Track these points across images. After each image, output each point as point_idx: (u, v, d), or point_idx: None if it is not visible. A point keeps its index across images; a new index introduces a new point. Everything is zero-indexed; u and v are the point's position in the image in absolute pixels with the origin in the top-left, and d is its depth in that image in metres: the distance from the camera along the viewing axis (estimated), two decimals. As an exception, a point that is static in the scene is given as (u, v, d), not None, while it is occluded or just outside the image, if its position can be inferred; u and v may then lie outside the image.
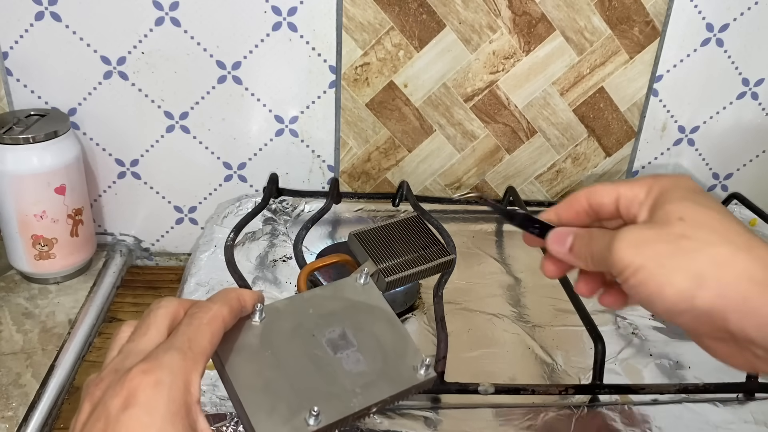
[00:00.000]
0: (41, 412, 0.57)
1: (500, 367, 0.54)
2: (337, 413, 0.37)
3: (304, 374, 0.39)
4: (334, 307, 0.42)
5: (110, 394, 0.31)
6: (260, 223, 0.73)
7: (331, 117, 0.76)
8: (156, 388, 0.31)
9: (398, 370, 0.40)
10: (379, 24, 0.72)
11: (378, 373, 0.39)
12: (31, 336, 0.64)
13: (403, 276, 0.45)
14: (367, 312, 0.43)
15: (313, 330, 0.41)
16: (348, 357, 0.40)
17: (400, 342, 0.41)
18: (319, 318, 0.41)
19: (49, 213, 0.67)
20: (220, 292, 0.38)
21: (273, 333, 0.40)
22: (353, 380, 0.39)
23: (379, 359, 0.40)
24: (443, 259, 0.46)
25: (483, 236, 0.75)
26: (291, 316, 0.41)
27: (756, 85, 0.78)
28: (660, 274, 0.35)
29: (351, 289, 0.44)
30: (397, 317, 0.43)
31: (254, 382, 0.37)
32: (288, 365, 0.39)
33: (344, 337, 0.41)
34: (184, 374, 0.32)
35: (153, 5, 0.68)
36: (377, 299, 0.43)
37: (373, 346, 0.41)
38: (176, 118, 0.74)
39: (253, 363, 0.38)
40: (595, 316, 0.55)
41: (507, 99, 0.77)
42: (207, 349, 0.35)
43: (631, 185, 0.39)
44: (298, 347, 0.40)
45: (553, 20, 0.73)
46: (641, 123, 0.79)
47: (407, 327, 0.58)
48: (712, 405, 0.51)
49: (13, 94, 0.71)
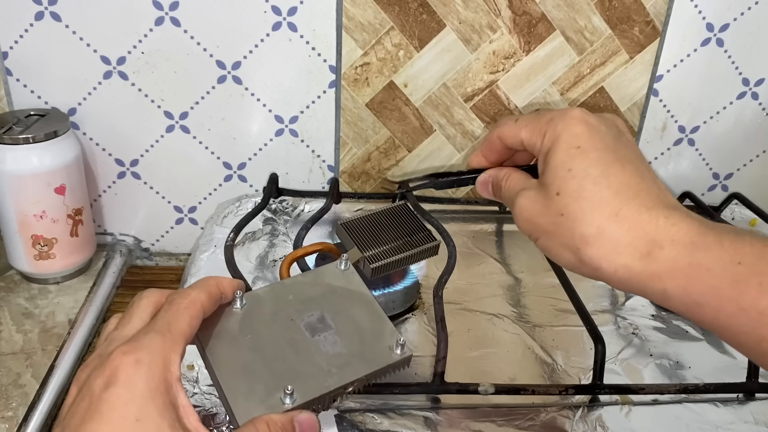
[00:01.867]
0: (41, 413, 0.57)
1: (500, 367, 0.54)
2: (312, 392, 0.39)
3: (282, 357, 0.40)
4: (314, 292, 0.44)
5: (94, 375, 0.33)
6: (260, 223, 0.73)
7: (331, 117, 0.76)
8: (135, 366, 0.33)
9: (374, 351, 0.41)
10: (379, 24, 0.72)
11: (354, 354, 0.41)
12: (31, 336, 0.64)
13: (388, 262, 0.47)
14: (347, 296, 0.44)
15: (293, 315, 0.42)
16: (325, 339, 0.41)
17: (377, 324, 0.43)
18: (299, 303, 0.43)
19: (49, 213, 0.67)
20: (199, 280, 0.40)
21: (253, 319, 0.41)
22: (329, 361, 0.40)
23: (355, 341, 0.41)
24: (428, 244, 0.48)
25: (483, 236, 0.75)
26: (271, 303, 0.42)
27: (756, 85, 0.78)
28: (551, 247, 0.40)
29: (332, 275, 0.45)
30: (375, 300, 0.44)
31: (233, 366, 0.39)
32: (266, 349, 0.40)
33: (322, 321, 0.42)
34: (163, 353, 0.34)
35: (153, 5, 0.68)
36: (357, 284, 0.45)
37: (351, 328, 0.42)
38: (176, 118, 0.74)
39: (232, 347, 0.40)
40: (595, 316, 0.55)
41: (507, 99, 0.77)
42: (185, 331, 0.36)
43: (530, 130, 0.42)
44: (276, 331, 0.41)
45: (553, 20, 0.73)
46: (641, 123, 0.79)
47: (407, 327, 0.58)
48: (712, 405, 0.51)
49: (12, 94, 0.71)
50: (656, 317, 0.62)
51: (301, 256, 0.49)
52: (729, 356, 0.57)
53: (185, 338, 0.36)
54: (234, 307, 0.41)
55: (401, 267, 0.48)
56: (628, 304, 0.64)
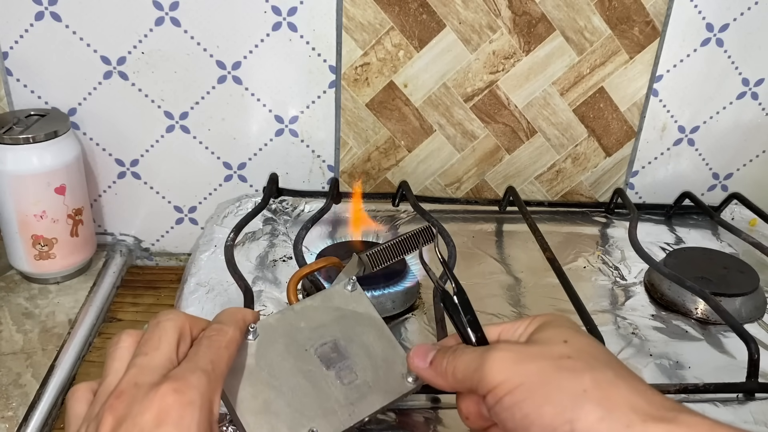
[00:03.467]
0: (41, 412, 0.57)
1: (500, 367, 0.54)
2: (333, 429, 0.39)
3: (301, 392, 0.40)
4: (325, 318, 0.44)
5: (139, 409, 0.32)
6: (260, 223, 0.73)
7: (331, 117, 0.76)
8: (188, 408, 0.32)
9: (388, 380, 0.42)
10: (379, 24, 0.72)
11: (369, 385, 0.41)
12: (31, 336, 0.64)
13: (381, 249, 0.46)
14: (357, 321, 0.44)
15: (306, 344, 0.42)
16: (340, 370, 0.42)
17: (388, 350, 0.43)
18: (311, 331, 0.43)
19: (49, 213, 0.67)
20: (227, 313, 0.40)
21: (267, 351, 0.41)
22: (347, 394, 0.41)
23: (369, 370, 0.42)
24: (421, 227, 0.47)
25: (483, 236, 0.75)
26: (284, 332, 0.42)
27: (756, 85, 0.78)
28: (541, 392, 0.33)
29: (340, 297, 0.45)
30: (385, 324, 0.44)
31: (253, 404, 0.39)
32: (284, 384, 0.40)
33: (336, 350, 0.42)
34: (209, 396, 0.34)
35: (153, 5, 0.68)
36: (366, 306, 0.45)
37: (364, 356, 0.43)
38: (176, 118, 0.74)
39: (249, 383, 0.40)
40: (595, 316, 0.55)
41: (507, 99, 0.77)
42: (225, 372, 0.36)
43: (513, 322, 0.39)
44: (292, 364, 0.41)
45: (553, 20, 0.73)
46: (641, 123, 0.79)
47: (407, 327, 0.58)
48: (712, 405, 0.51)
49: (13, 94, 0.71)
50: (656, 317, 0.62)
51: (306, 274, 0.49)
52: (729, 356, 0.57)
53: (224, 378, 0.36)
54: (248, 339, 0.41)
55: (397, 255, 0.48)
56: (627, 304, 0.64)
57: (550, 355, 0.34)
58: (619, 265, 0.70)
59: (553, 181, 0.82)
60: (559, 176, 0.82)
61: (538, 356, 0.35)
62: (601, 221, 0.80)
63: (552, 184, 0.82)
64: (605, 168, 0.82)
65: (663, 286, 0.64)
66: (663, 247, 0.74)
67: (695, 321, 0.62)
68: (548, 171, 0.81)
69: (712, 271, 0.65)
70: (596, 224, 0.79)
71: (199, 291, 0.61)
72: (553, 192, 0.83)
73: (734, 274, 0.65)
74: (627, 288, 0.66)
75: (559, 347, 0.35)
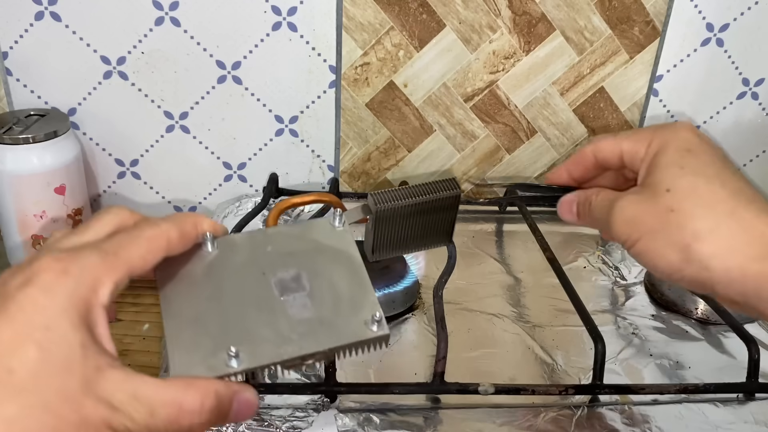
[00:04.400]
0: (41, 412, 0.57)
1: (500, 367, 0.54)
2: (263, 358, 0.34)
3: (241, 313, 0.35)
4: (297, 247, 0.38)
5: (15, 272, 0.30)
6: (260, 223, 0.73)
7: (331, 117, 0.76)
8: (61, 275, 0.30)
9: (347, 322, 0.36)
10: (379, 24, 0.72)
11: (323, 322, 0.36)
12: (30, 336, 0.64)
13: (391, 190, 0.41)
14: (332, 257, 0.38)
15: (265, 268, 0.37)
16: (294, 300, 0.36)
17: (358, 293, 0.37)
18: (277, 257, 0.38)
19: (48, 213, 0.67)
20: (178, 214, 0.36)
21: (221, 265, 0.37)
22: (293, 326, 0.35)
23: (328, 307, 0.36)
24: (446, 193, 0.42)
25: (483, 236, 0.75)
26: (246, 251, 0.38)
27: (756, 84, 0.78)
28: (653, 248, 0.37)
29: (322, 230, 0.40)
30: (364, 267, 0.38)
31: (185, 313, 0.35)
32: (225, 301, 0.36)
33: (297, 280, 0.37)
34: (96, 274, 0.31)
35: (153, 5, 0.68)
36: (348, 245, 0.39)
37: (327, 293, 0.37)
38: (176, 118, 0.74)
39: (189, 293, 0.36)
40: (595, 316, 0.55)
41: (507, 99, 0.77)
42: (134, 262, 0.32)
43: (633, 140, 0.40)
44: (242, 284, 0.37)
45: (553, 20, 0.73)
46: (641, 123, 0.79)
47: (407, 327, 0.58)
48: (713, 405, 0.51)
49: (12, 93, 0.71)
50: (656, 317, 0.62)
51: (293, 205, 0.44)
52: (729, 356, 0.57)
53: (129, 268, 0.32)
54: (204, 249, 0.37)
55: (409, 199, 0.42)
56: (628, 304, 0.64)
57: (656, 211, 0.37)
58: (620, 265, 0.70)
59: (553, 181, 0.82)
60: (559, 176, 0.82)
61: (647, 213, 0.37)
62: (602, 221, 0.79)
63: (552, 184, 0.82)
64: (605, 168, 0.82)
65: (663, 286, 0.64)
66: (663, 247, 0.74)
67: (695, 321, 0.62)
68: (548, 171, 0.81)
69: (712, 271, 0.65)
70: (596, 224, 0.79)
71: (199, 291, 0.61)
72: (553, 192, 0.83)
73: (734, 274, 0.65)
74: (627, 288, 0.66)
75: (663, 199, 0.36)
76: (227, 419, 0.33)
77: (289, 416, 0.46)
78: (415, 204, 0.42)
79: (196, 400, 0.31)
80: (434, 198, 0.42)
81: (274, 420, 0.46)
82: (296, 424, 0.46)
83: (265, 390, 0.48)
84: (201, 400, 0.31)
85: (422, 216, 0.43)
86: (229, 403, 0.33)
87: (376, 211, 0.41)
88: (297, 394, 0.48)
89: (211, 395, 0.32)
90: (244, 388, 0.33)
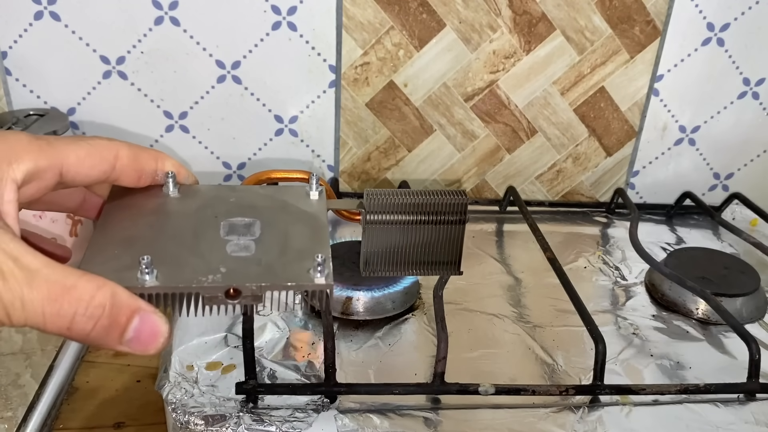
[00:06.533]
0: (40, 413, 0.56)
1: (500, 368, 0.54)
2: (179, 281, 0.31)
3: (175, 242, 0.33)
4: (261, 203, 0.36)
5: None
6: (260, 223, 0.73)
7: (331, 117, 0.76)
8: None
9: (286, 266, 0.33)
10: (379, 23, 0.72)
11: (259, 263, 0.33)
12: (30, 336, 0.64)
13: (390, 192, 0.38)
14: (296, 217, 0.36)
15: (220, 213, 0.35)
16: (238, 241, 0.34)
17: (313, 246, 0.34)
18: (236, 207, 0.36)
19: (48, 213, 0.67)
20: (154, 150, 0.35)
21: (175, 205, 0.35)
22: (224, 260, 0.32)
23: (272, 253, 0.33)
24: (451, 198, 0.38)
25: (483, 236, 0.75)
26: (206, 198, 0.36)
27: (757, 84, 0.78)
28: None
29: (295, 195, 0.38)
30: (328, 231, 0.36)
31: (117, 234, 0.33)
32: (165, 231, 0.33)
33: (249, 227, 0.35)
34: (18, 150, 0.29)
35: (152, 4, 0.68)
36: (317, 209, 0.37)
37: (276, 241, 0.34)
38: (176, 118, 0.74)
39: (131, 220, 0.34)
40: (595, 316, 0.55)
41: (507, 98, 0.77)
42: (68, 159, 0.31)
43: None
44: (189, 221, 0.34)
45: (553, 20, 0.73)
46: (642, 123, 0.79)
47: (407, 327, 0.58)
48: (713, 405, 0.51)
49: (12, 93, 0.71)
50: (657, 317, 0.62)
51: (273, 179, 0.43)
52: (730, 357, 0.57)
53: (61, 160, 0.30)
54: (164, 191, 0.35)
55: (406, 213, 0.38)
56: (628, 305, 0.63)
57: None
58: (620, 265, 0.70)
59: (553, 180, 0.82)
60: (559, 176, 0.81)
61: None
62: (602, 221, 0.79)
63: (552, 184, 0.82)
64: (606, 168, 0.82)
65: (664, 287, 0.64)
66: (664, 247, 0.74)
67: (696, 321, 0.61)
68: (549, 171, 0.81)
69: (712, 272, 0.65)
70: (597, 224, 0.79)
71: (199, 291, 0.61)
72: (553, 192, 0.83)
73: (735, 274, 0.65)
74: (628, 288, 0.66)
75: None
76: (123, 335, 0.29)
77: (288, 417, 0.46)
78: (414, 204, 0.39)
79: (87, 289, 0.28)
80: (436, 201, 0.39)
81: (274, 420, 0.46)
82: (296, 424, 0.46)
83: (265, 390, 0.48)
84: (93, 292, 0.28)
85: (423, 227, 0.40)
86: (128, 315, 0.29)
87: (368, 205, 0.38)
88: (297, 395, 0.48)
89: (106, 291, 0.28)
90: (153, 310, 0.30)
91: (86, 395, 0.57)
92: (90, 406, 0.56)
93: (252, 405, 0.47)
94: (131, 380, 0.58)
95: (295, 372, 0.51)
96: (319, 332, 0.55)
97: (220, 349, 0.53)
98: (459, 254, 0.41)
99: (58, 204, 0.38)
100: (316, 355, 0.53)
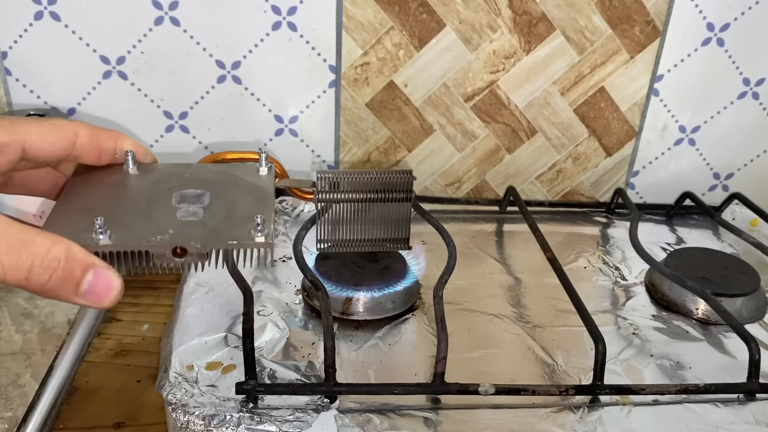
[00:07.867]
0: (40, 413, 0.56)
1: (500, 368, 0.54)
2: (130, 241, 0.35)
3: (130, 209, 0.37)
4: (214, 178, 0.40)
5: None
6: (260, 223, 0.73)
7: (331, 117, 0.76)
8: None
9: (229, 229, 0.37)
10: (379, 23, 0.72)
11: (206, 225, 0.37)
12: (30, 336, 0.64)
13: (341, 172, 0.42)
14: (245, 189, 0.40)
15: (174, 186, 0.39)
16: (187, 208, 0.38)
17: (254, 211, 0.38)
18: (190, 181, 0.40)
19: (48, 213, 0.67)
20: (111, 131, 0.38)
21: (133, 181, 0.39)
22: (173, 223, 0.36)
23: (218, 217, 0.37)
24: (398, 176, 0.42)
25: (483, 236, 0.75)
26: (163, 175, 0.40)
27: (757, 84, 0.78)
28: None
29: (246, 171, 0.41)
30: (273, 202, 0.40)
31: (78, 204, 0.37)
32: (122, 201, 0.37)
33: (199, 197, 0.39)
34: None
35: (152, 5, 0.68)
36: (265, 184, 0.41)
37: (222, 207, 0.38)
38: (176, 118, 0.74)
39: (92, 193, 0.37)
40: (595, 316, 0.55)
41: (507, 99, 0.77)
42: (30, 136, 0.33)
43: None
44: (145, 193, 0.38)
45: (553, 20, 0.73)
46: (642, 123, 0.79)
47: (407, 327, 0.58)
48: (713, 405, 0.50)
49: (12, 93, 0.71)
50: (657, 318, 0.62)
51: (227, 159, 0.46)
52: (730, 357, 0.57)
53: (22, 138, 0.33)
54: (124, 169, 0.39)
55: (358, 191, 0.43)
56: (628, 305, 0.63)
57: None
58: (620, 265, 0.70)
59: (553, 181, 0.82)
60: (559, 176, 0.82)
61: None
62: (602, 221, 0.79)
63: (552, 184, 0.82)
64: (606, 168, 0.82)
65: (664, 287, 0.64)
66: (664, 248, 0.74)
67: (696, 321, 0.61)
68: (549, 171, 0.81)
69: (712, 272, 0.65)
70: (597, 224, 0.79)
71: (199, 291, 0.61)
72: (553, 192, 0.83)
73: (735, 274, 0.65)
74: (628, 288, 0.66)
75: None
76: (78, 287, 0.32)
77: (288, 417, 0.46)
78: (362, 182, 0.43)
79: (44, 243, 0.30)
80: (383, 179, 0.43)
81: (274, 420, 0.46)
82: (296, 424, 0.46)
83: (265, 390, 0.48)
84: (49, 246, 0.30)
85: (373, 205, 0.44)
86: (83, 269, 0.31)
87: (320, 184, 0.42)
88: (297, 395, 0.48)
89: (61, 247, 0.31)
90: (107, 266, 0.32)
91: (86, 395, 0.57)
92: (90, 406, 0.56)
93: (252, 405, 0.47)
94: (131, 380, 0.58)
95: (295, 372, 0.51)
96: (319, 332, 0.55)
97: (220, 349, 0.53)
98: (407, 230, 0.45)
99: (31, 187, 0.40)
100: (316, 355, 0.53)
